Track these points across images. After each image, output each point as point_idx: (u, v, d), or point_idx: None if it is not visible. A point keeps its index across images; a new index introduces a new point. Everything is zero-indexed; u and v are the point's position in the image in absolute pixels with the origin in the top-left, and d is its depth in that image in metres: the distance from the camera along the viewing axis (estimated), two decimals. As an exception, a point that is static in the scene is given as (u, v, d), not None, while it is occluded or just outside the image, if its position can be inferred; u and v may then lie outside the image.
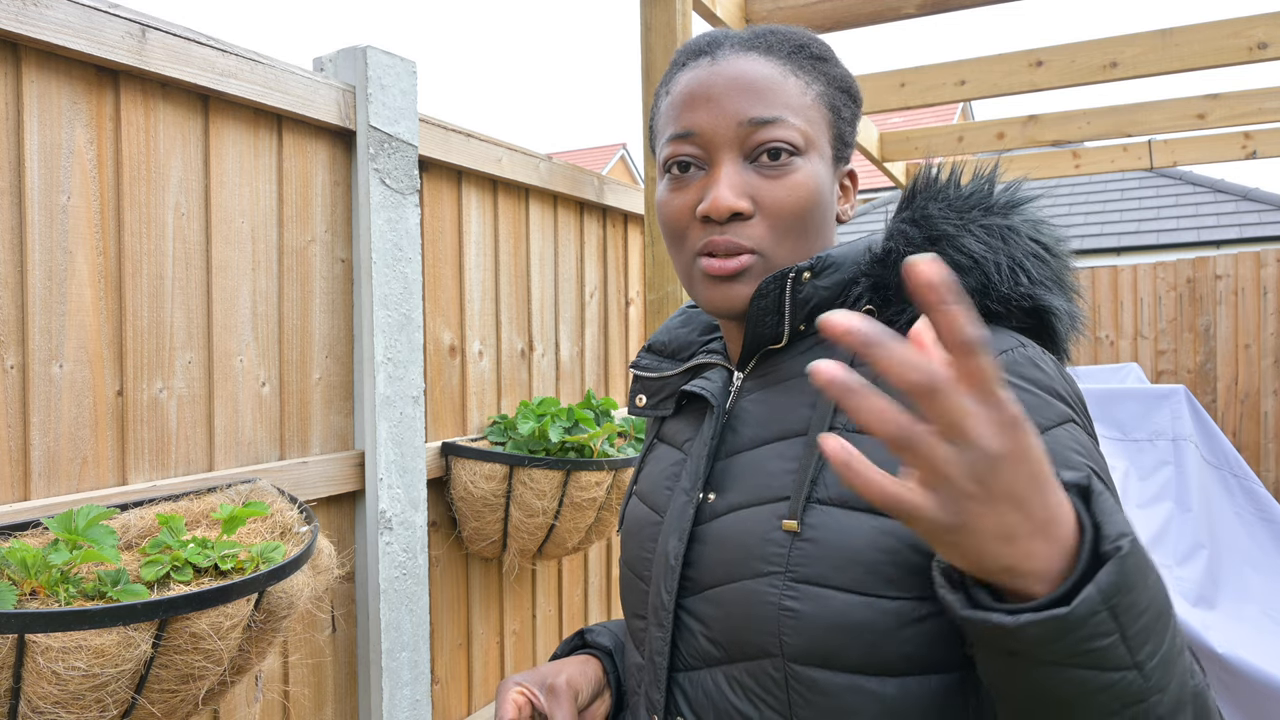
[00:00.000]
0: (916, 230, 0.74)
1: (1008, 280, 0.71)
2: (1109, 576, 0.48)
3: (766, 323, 0.77)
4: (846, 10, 2.48)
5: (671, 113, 0.79)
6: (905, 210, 0.77)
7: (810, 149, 0.76)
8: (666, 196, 0.79)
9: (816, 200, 0.76)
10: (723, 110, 0.75)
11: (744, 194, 0.75)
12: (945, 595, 0.54)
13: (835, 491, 0.69)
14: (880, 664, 0.66)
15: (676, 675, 0.76)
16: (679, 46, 0.84)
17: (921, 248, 0.72)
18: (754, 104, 0.74)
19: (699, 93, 0.76)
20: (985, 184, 0.75)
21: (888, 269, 0.74)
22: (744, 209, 0.74)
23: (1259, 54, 2.89)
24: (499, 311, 2.16)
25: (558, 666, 0.85)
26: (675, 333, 0.92)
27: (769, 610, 0.68)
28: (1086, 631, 0.48)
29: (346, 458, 1.72)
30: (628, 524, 0.87)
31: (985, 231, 0.72)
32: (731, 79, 0.75)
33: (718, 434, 0.79)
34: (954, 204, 0.74)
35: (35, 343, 1.26)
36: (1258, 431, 6.01)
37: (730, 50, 0.77)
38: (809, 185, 0.75)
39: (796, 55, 0.78)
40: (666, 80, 0.82)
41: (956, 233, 0.72)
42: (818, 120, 0.77)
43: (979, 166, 0.77)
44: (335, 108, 1.68)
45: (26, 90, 1.25)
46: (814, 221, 0.77)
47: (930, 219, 0.73)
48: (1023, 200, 0.75)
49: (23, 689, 1.00)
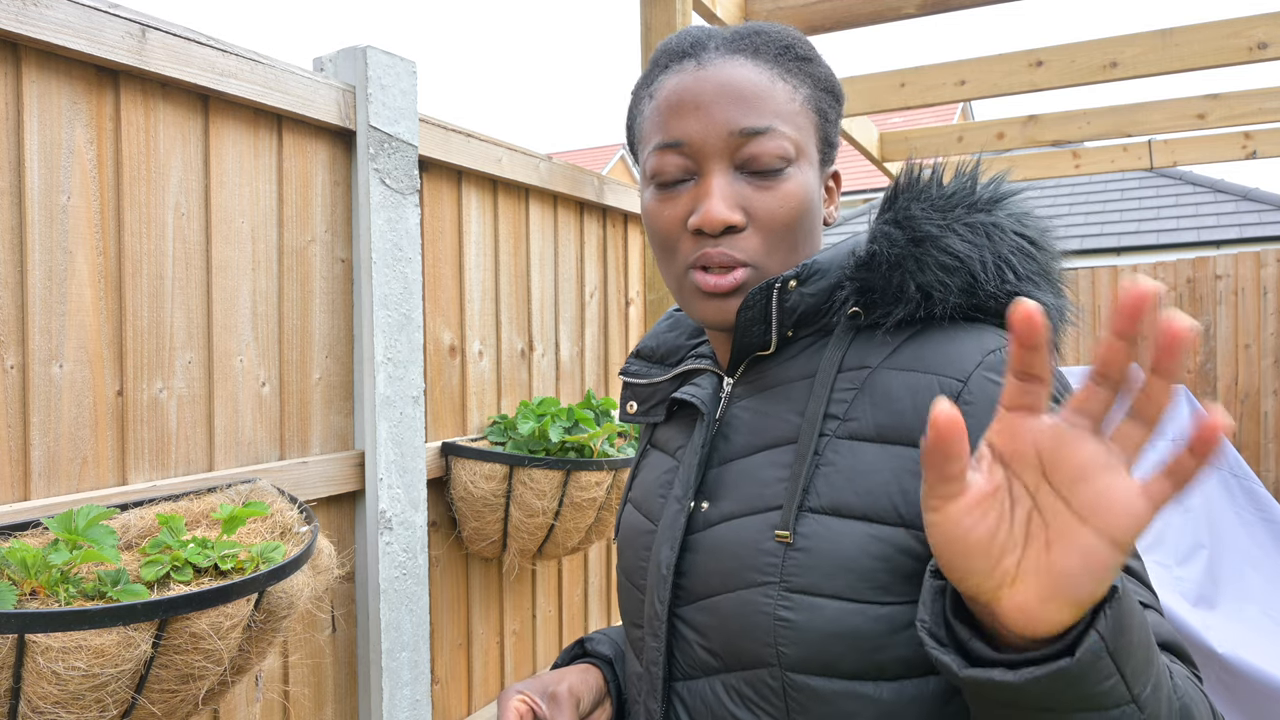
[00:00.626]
0: (900, 231, 0.73)
1: (994, 278, 0.70)
2: (1109, 622, 0.47)
3: (754, 332, 0.76)
4: (846, 10, 2.48)
5: (657, 119, 0.77)
6: (888, 211, 0.76)
7: (800, 156, 0.75)
8: (655, 207, 0.78)
9: (807, 208, 0.75)
10: (712, 120, 0.73)
11: (736, 206, 0.73)
12: (940, 657, 0.52)
13: (827, 500, 0.68)
14: (876, 669, 0.66)
15: (674, 684, 0.76)
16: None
17: (905, 249, 0.72)
18: (745, 113, 0.73)
19: (687, 100, 0.74)
20: (968, 181, 0.74)
21: (872, 272, 0.73)
22: (737, 222, 0.73)
23: (1259, 54, 2.89)
24: (499, 311, 2.16)
25: (559, 675, 0.85)
26: (663, 338, 0.91)
27: (764, 621, 0.68)
28: (1091, 678, 0.47)
29: (346, 458, 1.72)
30: (623, 532, 0.87)
31: (969, 230, 0.71)
32: (720, 86, 0.74)
33: (708, 442, 0.79)
34: (936, 203, 0.73)
35: (35, 343, 1.26)
36: (1258, 431, 6.01)
37: (716, 53, 0.75)
38: (800, 195, 0.74)
39: (783, 57, 0.76)
40: (648, 81, 0.80)
41: (940, 233, 0.71)
42: (806, 126, 0.76)
43: (961, 164, 0.76)
44: (335, 108, 1.68)
45: (26, 90, 1.25)
46: (804, 229, 0.76)
47: (913, 219, 0.73)
48: (1006, 194, 0.74)
49: (23, 689, 1.00)
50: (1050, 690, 0.47)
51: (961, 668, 0.50)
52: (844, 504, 0.67)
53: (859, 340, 0.74)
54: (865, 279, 0.73)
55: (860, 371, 0.72)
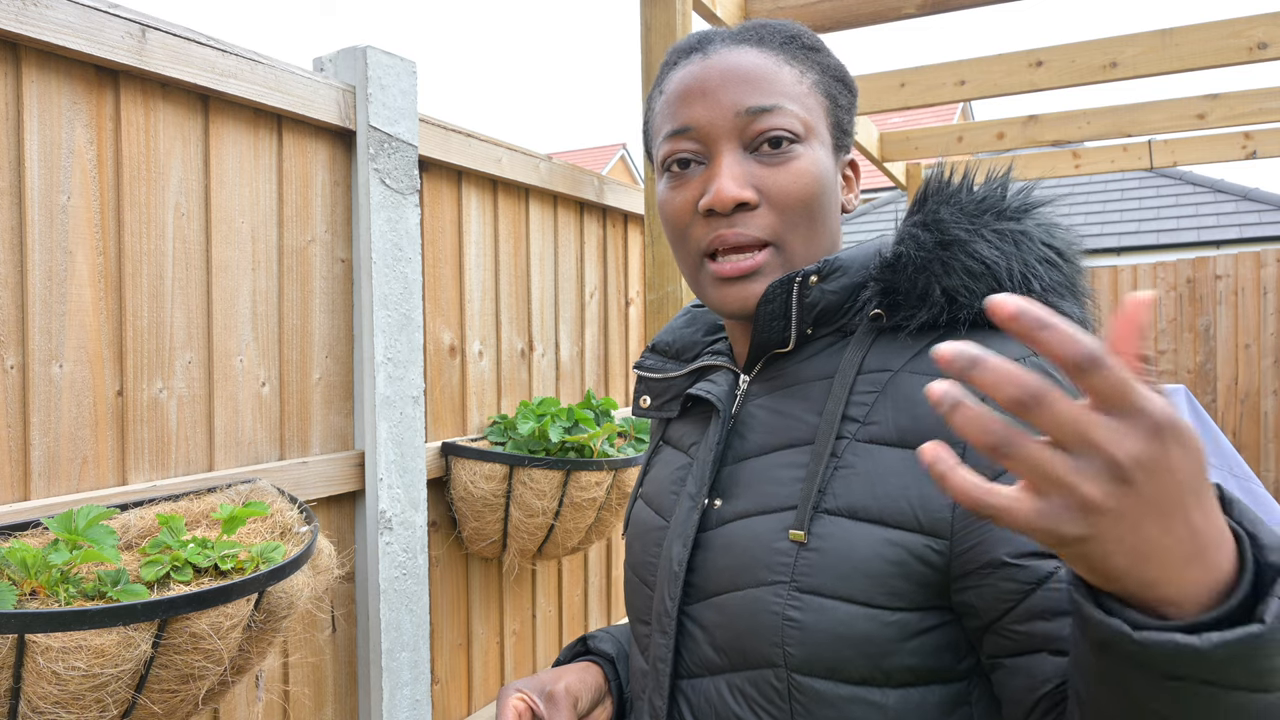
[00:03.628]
0: (928, 234, 0.72)
1: (1019, 286, 0.69)
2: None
3: (773, 327, 0.75)
4: (846, 10, 2.48)
5: (667, 110, 0.77)
6: (917, 213, 0.75)
7: (810, 135, 0.75)
8: (667, 195, 0.78)
9: (821, 186, 0.75)
10: (718, 102, 0.74)
11: (747, 184, 0.73)
12: (1104, 620, 0.46)
13: (843, 501, 0.68)
14: (883, 675, 0.65)
15: (679, 682, 0.76)
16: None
17: (933, 252, 0.71)
18: (750, 93, 0.73)
19: (694, 87, 0.75)
20: (998, 187, 0.74)
21: (898, 273, 0.72)
22: (749, 198, 0.73)
23: (1259, 54, 2.89)
24: (499, 311, 2.16)
25: (557, 674, 0.85)
26: (680, 333, 0.90)
27: (772, 620, 0.68)
28: (1272, 649, 0.43)
29: (346, 458, 1.72)
30: (633, 528, 0.87)
31: (998, 236, 0.71)
32: (725, 70, 0.74)
33: (724, 439, 0.78)
34: (966, 208, 0.73)
35: (35, 343, 1.26)
36: (1258, 431, 6.01)
37: (722, 45, 0.76)
38: (813, 171, 0.74)
39: (789, 45, 0.77)
40: (659, 80, 0.81)
41: (969, 237, 0.71)
42: (815, 108, 0.76)
43: (992, 169, 0.76)
44: (335, 108, 1.68)
45: (26, 90, 1.25)
46: (820, 209, 0.75)
47: (942, 223, 0.72)
48: (1036, 204, 0.74)
49: (23, 689, 1.00)
50: (1232, 659, 0.43)
51: (1136, 630, 0.45)
52: (861, 507, 0.67)
53: (880, 342, 0.74)
54: (890, 280, 0.73)
55: (882, 374, 0.72)
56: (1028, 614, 0.61)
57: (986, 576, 0.62)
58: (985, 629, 0.64)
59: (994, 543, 0.62)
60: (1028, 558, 0.61)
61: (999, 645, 0.63)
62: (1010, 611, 0.62)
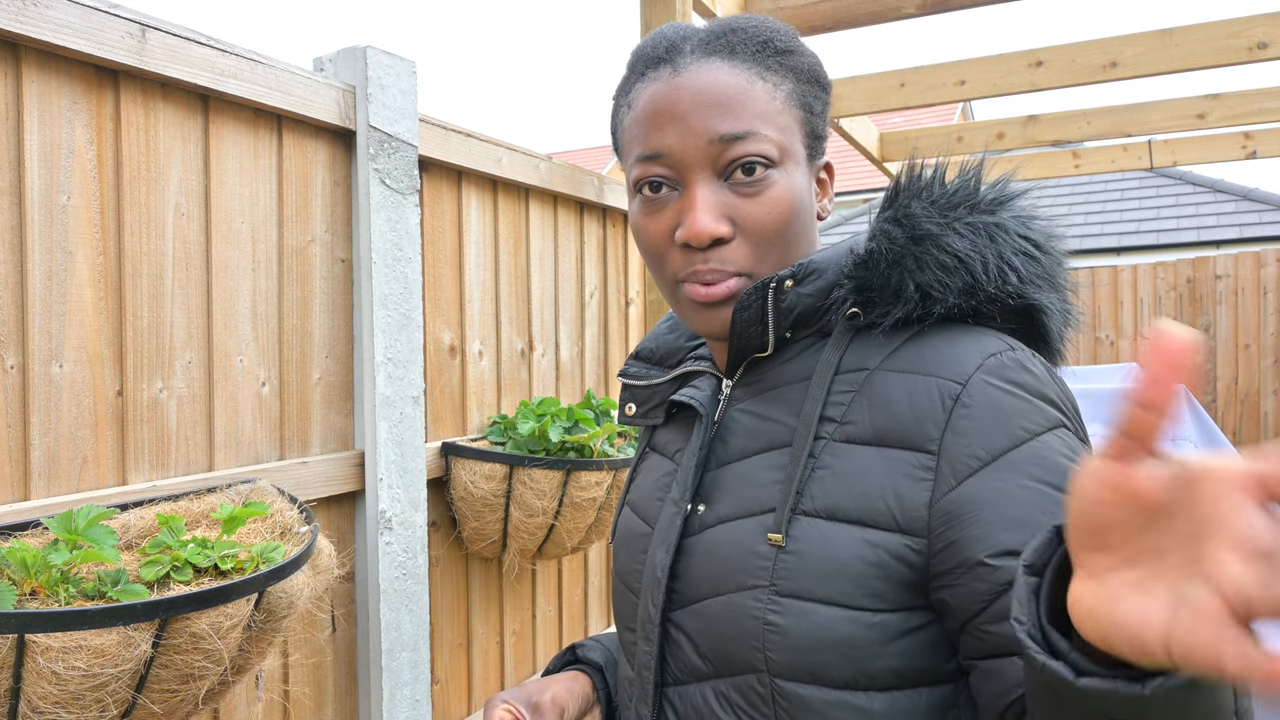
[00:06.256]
0: (899, 229, 0.72)
1: (995, 279, 0.69)
2: None
3: (751, 333, 0.75)
4: (846, 10, 2.48)
5: (637, 131, 0.75)
6: (888, 209, 0.74)
7: (785, 158, 0.73)
8: (642, 220, 0.76)
9: (796, 211, 0.74)
10: (690, 129, 0.71)
11: (722, 216, 0.72)
12: (1046, 663, 0.46)
13: (821, 503, 0.67)
14: (867, 679, 0.65)
15: (665, 690, 0.75)
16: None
17: (905, 247, 0.70)
18: (723, 119, 0.71)
19: (664, 110, 0.73)
20: (971, 181, 0.73)
21: (871, 270, 0.72)
22: (724, 234, 0.72)
23: (1259, 54, 2.89)
24: (499, 311, 2.16)
25: (544, 684, 0.84)
26: (663, 339, 0.90)
27: (753, 625, 0.67)
28: (1218, 689, 0.44)
29: (346, 458, 1.72)
30: (620, 535, 0.86)
31: (970, 229, 0.70)
32: (696, 93, 0.72)
33: (706, 444, 0.78)
34: (938, 202, 0.72)
35: (35, 343, 1.26)
36: (1258, 431, 6.02)
37: (691, 58, 0.73)
38: (788, 199, 0.73)
39: (761, 54, 0.74)
40: (625, 89, 0.78)
41: (940, 231, 0.70)
42: (790, 125, 0.74)
43: (965, 163, 0.75)
44: (335, 108, 1.68)
45: (26, 90, 1.25)
46: (795, 232, 0.74)
47: (913, 217, 0.71)
48: (1011, 196, 0.73)
49: (23, 689, 1.00)
50: (1174, 704, 0.43)
51: (1076, 677, 0.45)
52: (839, 508, 0.67)
53: (858, 341, 0.74)
54: (863, 277, 0.72)
55: (858, 373, 0.71)
56: (1000, 615, 0.60)
57: (961, 575, 0.62)
58: (960, 629, 0.63)
59: (971, 541, 0.62)
60: (1003, 557, 0.61)
61: (972, 646, 0.63)
62: (983, 611, 0.61)
